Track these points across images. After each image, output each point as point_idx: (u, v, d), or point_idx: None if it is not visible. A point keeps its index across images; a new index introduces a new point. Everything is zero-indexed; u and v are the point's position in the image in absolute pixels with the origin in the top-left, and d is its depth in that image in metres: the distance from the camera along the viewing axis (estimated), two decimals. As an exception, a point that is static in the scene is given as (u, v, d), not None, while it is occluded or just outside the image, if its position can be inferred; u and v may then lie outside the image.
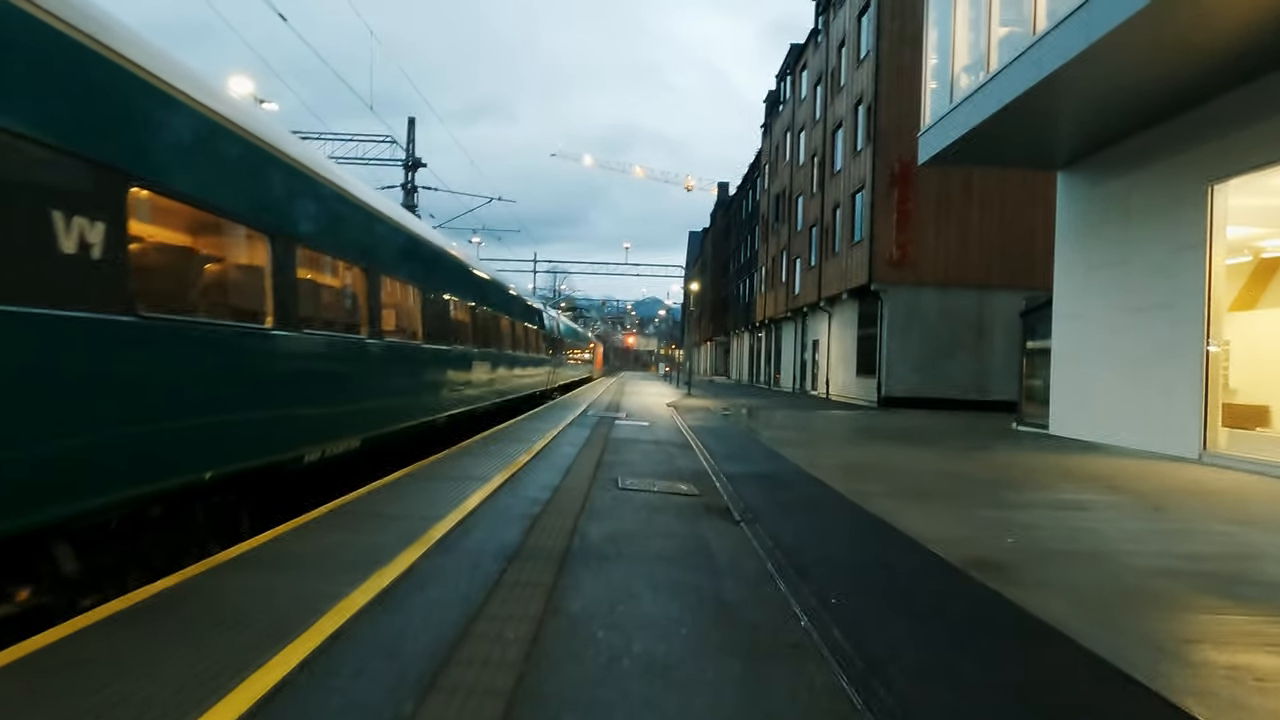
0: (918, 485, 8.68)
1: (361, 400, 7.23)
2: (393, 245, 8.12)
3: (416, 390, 9.07)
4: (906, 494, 8.03)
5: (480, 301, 13.23)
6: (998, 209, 24.56)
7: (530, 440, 11.40)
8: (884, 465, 10.52)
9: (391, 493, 6.61)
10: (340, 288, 7.12)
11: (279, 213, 5.54)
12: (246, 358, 5.10)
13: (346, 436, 6.91)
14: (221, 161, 4.81)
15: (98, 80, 3.68)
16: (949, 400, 24.16)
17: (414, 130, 23.79)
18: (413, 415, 8.97)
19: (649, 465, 9.48)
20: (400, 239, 8.41)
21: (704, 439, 13.00)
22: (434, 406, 9.89)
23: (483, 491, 6.90)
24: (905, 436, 15.06)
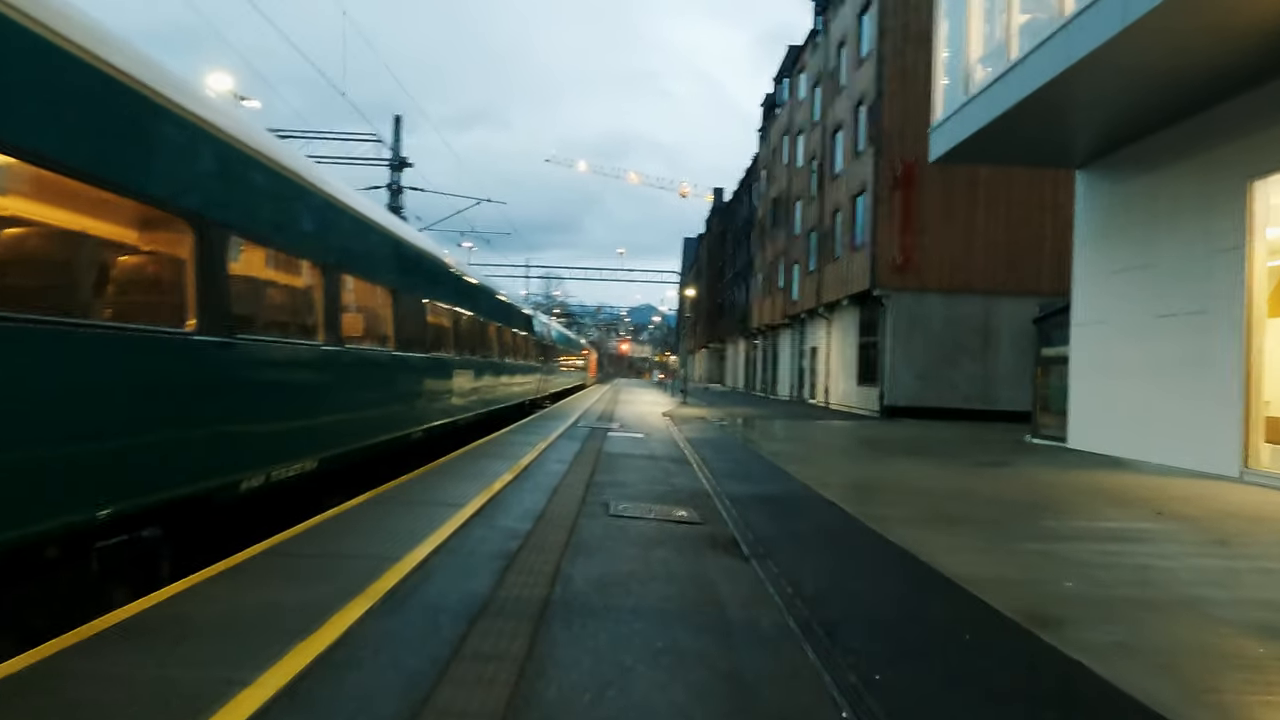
0: (940, 509, 7.83)
1: (317, 416, 6.34)
2: (356, 241, 7.23)
3: (386, 403, 8.18)
4: (930, 520, 7.18)
5: (462, 305, 12.36)
6: (1004, 213, 23.83)
7: (515, 456, 10.52)
8: (898, 484, 9.67)
9: (344, 525, 5.71)
10: (290, 287, 6.26)
11: (204, 193, 4.66)
12: (157, 369, 4.22)
13: (299, 457, 6.02)
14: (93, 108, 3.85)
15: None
16: (953, 410, 23.35)
17: (400, 129, 22.94)
18: (382, 431, 8.09)
19: (644, 485, 8.61)
20: (367, 234, 7.54)
21: (702, 453, 12.13)
22: (407, 420, 9.00)
23: (454, 521, 6.01)
24: (914, 449, 14.22)
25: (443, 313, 11.13)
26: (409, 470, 8.84)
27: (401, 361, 8.54)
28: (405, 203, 23.37)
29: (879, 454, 13.45)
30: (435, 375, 10.42)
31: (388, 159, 22.88)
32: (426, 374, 9.74)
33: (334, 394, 6.72)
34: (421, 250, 9.67)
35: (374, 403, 7.76)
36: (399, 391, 8.65)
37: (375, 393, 7.81)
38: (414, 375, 9.27)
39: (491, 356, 15.05)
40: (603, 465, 10.11)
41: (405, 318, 8.66)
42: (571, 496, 7.56)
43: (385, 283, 8.06)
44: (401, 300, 8.51)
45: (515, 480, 8.38)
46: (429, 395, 10.04)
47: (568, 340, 36.69)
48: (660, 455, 11.76)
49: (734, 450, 13.23)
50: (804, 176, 34.40)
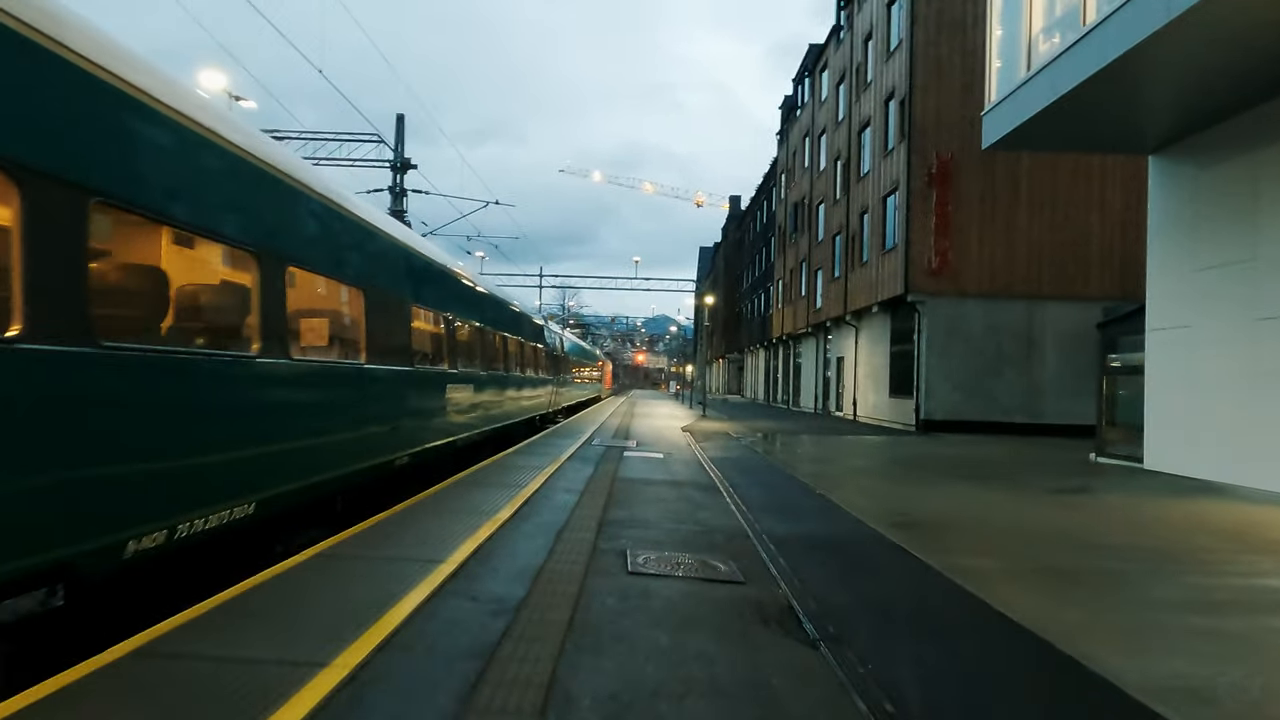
0: (1039, 557, 6.29)
1: (249, 446, 4.92)
2: (308, 225, 5.80)
3: (356, 425, 6.77)
4: (1036, 575, 5.65)
5: (461, 313, 10.97)
6: (1048, 211, 22.19)
7: (517, 484, 9.07)
8: (971, 519, 8.12)
9: (261, 602, 4.26)
10: (210, 284, 4.88)
11: (63, 149, 3.28)
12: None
13: (221, 503, 4.60)
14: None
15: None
16: (996, 424, 21.67)
17: (402, 128, 21.70)
18: (351, 460, 6.67)
19: (668, 523, 7.13)
20: (325, 219, 6.11)
21: (731, 477, 10.63)
22: (386, 445, 7.58)
23: (421, 588, 4.56)
24: (969, 471, 12.64)
25: (436, 319, 9.74)
26: (388, 505, 7.43)
27: (378, 376, 7.13)
28: (409, 206, 22.12)
29: (931, 477, 11.88)
30: (425, 391, 9.01)
31: (389, 160, 21.64)
32: (413, 390, 8.33)
33: (277, 419, 5.30)
34: (403, 244, 8.24)
35: (337, 427, 6.33)
36: (375, 412, 7.23)
37: (339, 416, 6.38)
38: (395, 392, 7.86)
39: (497, 369, 13.66)
40: (618, 495, 8.63)
41: (384, 325, 7.26)
42: (580, 542, 6.09)
43: (351, 279, 6.65)
44: (375, 302, 7.10)
45: (513, 519, 6.92)
46: (418, 414, 8.63)
47: (582, 351, 35.27)
48: (684, 480, 10.28)
49: (766, 473, 11.71)
50: (828, 178, 32.89)
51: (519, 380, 15.96)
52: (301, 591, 4.39)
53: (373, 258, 7.17)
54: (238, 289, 4.86)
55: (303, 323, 6.04)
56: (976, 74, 22.06)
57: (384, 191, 21.69)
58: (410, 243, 8.44)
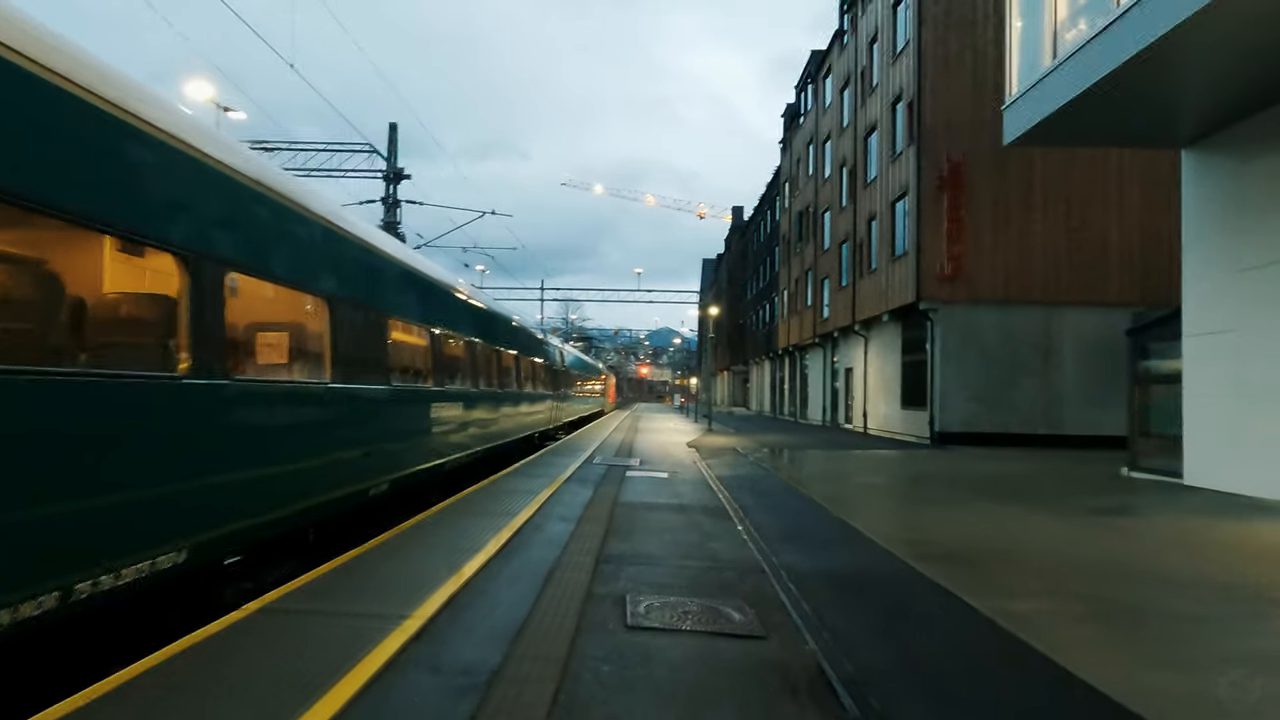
0: (1098, 594, 5.47)
1: (173, 482, 4.15)
2: (252, 223, 5.04)
3: (319, 452, 5.99)
4: (1102, 621, 4.84)
5: (450, 326, 10.24)
6: (1064, 214, 21.42)
7: (508, 511, 8.29)
8: (1009, 547, 7.29)
9: (162, 684, 3.46)
10: (116, 290, 4.12)
11: None
12: None
13: (136, 553, 3.83)
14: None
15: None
16: (1013, 435, 20.80)
17: (395, 137, 21.05)
18: (315, 491, 5.90)
19: (674, 558, 6.34)
20: (276, 217, 5.35)
21: (741, 499, 9.83)
22: (359, 472, 6.81)
23: (374, 658, 3.77)
24: (995, 489, 11.82)
25: (420, 333, 8.99)
26: (365, 536, 6.65)
27: (342, 396, 6.36)
28: (402, 218, 21.45)
29: (956, 496, 11.05)
30: (405, 411, 8.25)
31: (382, 170, 20.99)
32: (389, 410, 7.56)
33: (214, 448, 4.53)
34: (377, 250, 7.47)
35: (292, 453, 5.55)
36: (340, 436, 6.45)
37: (294, 441, 5.60)
38: (367, 413, 7.09)
39: (491, 385, 12.90)
40: (619, 524, 7.84)
41: (350, 337, 6.49)
42: (572, 585, 5.30)
43: (312, 287, 5.89)
44: (343, 314, 6.35)
45: (499, 556, 6.14)
46: (395, 436, 7.86)
47: (584, 365, 34.48)
48: (690, 503, 9.48)
49: (778, 494, 10.89)
50: (833, 185, 32.20)
51: (516, 396, 15.20)
52: (223, 665, 3.59)
53: (339, 264, 6.42)
54: (157, 298, 4.11)
55: (248, 337, 5.29)
56: (988, 73, 21.41)
57: (376, 203, 21.03)
58: (388, 250, 7.69)
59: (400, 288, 8.11)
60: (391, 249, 7.79)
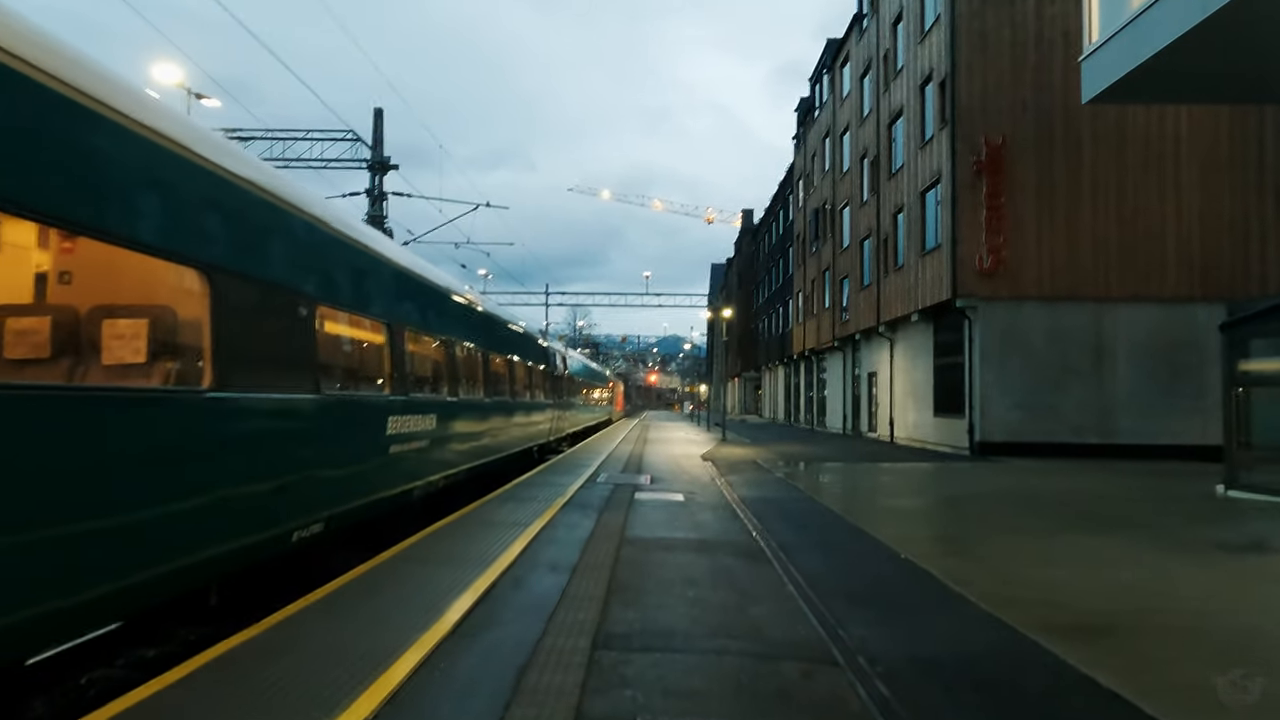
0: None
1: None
2: (160, 190, 3.25)
3: (182, 492, 4.12)
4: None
5: (422, 323, 8.43)
6: (1115, 201, 19.46)
7: (482, 556, 6.42)
8: (1152, 606, 5.36)
9: None
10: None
11: None
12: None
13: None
14: None
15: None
16: (1062, 446, 18.81)
17: (381, 125, 19.29)
18: (170, 554, 4.04)
19: (704, 640, 4.46)
20: (88, 128, 3.51)
21: (778, 532, 7.93)
22: (265, 514, 4.97)
23: None
24: (1080, 513, 9.89)
25: (375, 328, 7.15)
26: (287, 596, 4.82)
27: (232, 409, 4.50)
28: (389, 211, 19.67)
29: (1041, 523, 9.12)
30: (347, 427, 6.40)
31: (366, 159, 19.23)
32: (319, 426, 5.69)
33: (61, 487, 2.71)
34: (298, 211, 5.58)
35: (122, 497, 3.68)
36: (229, 464, 4.59)
37: (128, 477, 3.73)
38: (277, 430, 5.23)
39: (475, 393, 11.06)
40: (626, 575, 5.96)
41: (248, 329, 4.64)
42: (554, 703, 3.42)
43: (170, 253, 4.04)
44: (234, 295, 4.50)
45: (452, 640, 4.28)
46: (330, 460, 5.99)
47: (589, 371, 32.56)
48: (715, 538, 7.59)
49: (819, 523, 8.98)
50: (853, 179, 30.30)
51: (510, 406, 13.34)
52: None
53: (229, 223, 4.57)
54: None
55: (93, 328, 3.49)
56: (1028, 48, 19.57)
57: (361, 195, 19.26)
58: (314, 210, 5.83)
59: (343, 270, 6.26)
60: (320, 209, 5.93)
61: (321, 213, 5.93)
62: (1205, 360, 18.90)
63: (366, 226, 7.43)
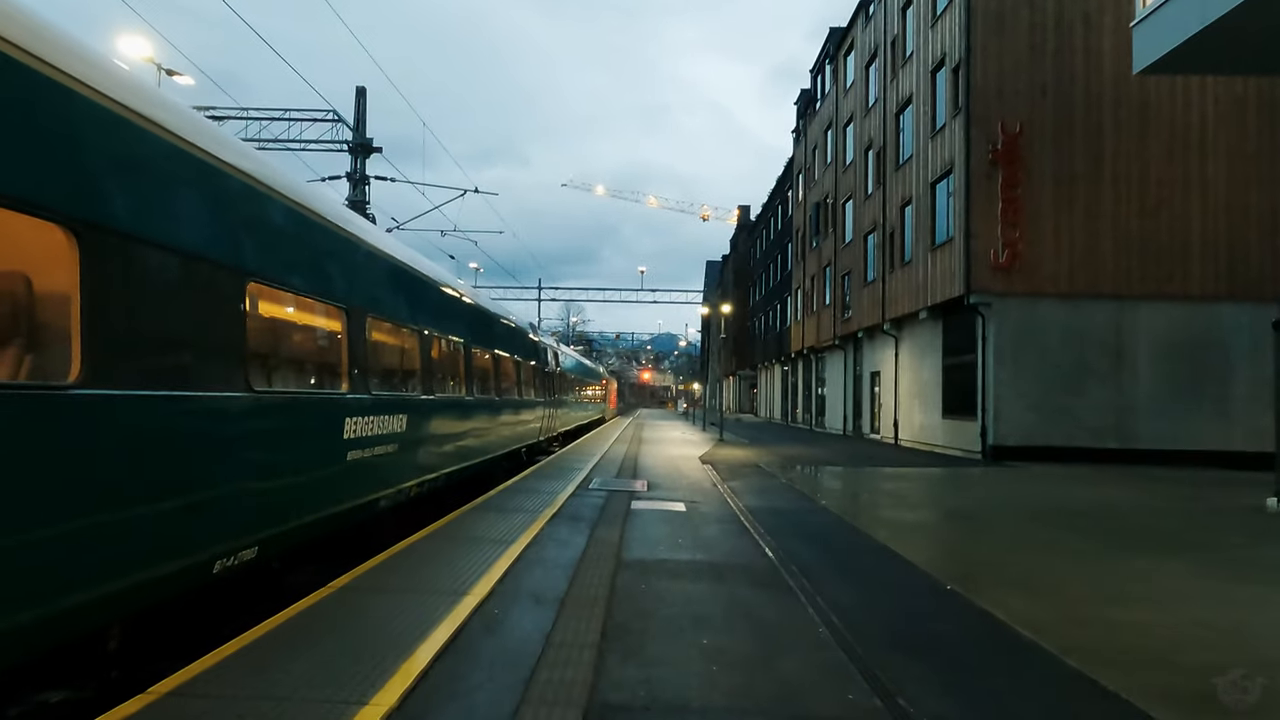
0: None
1: None
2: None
3: (133, 500, 3.09)
4: None
5: (386, 310, 7.38)
6: (1137, 193, 18.50)
7: (453, 586, 5.37)
8: (1273, 657, 4.37)
9: None
10: None
11: None
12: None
13: None
14: None
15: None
16: (1079, 450, 17.87)
17: (364, 104, 18.17)
18: (131, 568, 3.02)
19: (722, 703, 3.44)
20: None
21: (794, 551, 6.91)
22: (222, 529, 3.97)
23: None
24: (1131, 531, 8.94)
25: (327, 314, 6.09)
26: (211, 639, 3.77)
27: (104, 406, 3.44)
28: (372, 198, 18.56)
29: (1091, 544, 8.13)
30: (297, 430, 5.33)
31: (347, 141, 18.11)
32: (238, 430, 4.63)
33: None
34: (215, 161, 4.48)
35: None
36: (153, 475, 3.55)
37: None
38: (217, 434, 4.19)
39: (460, 392, 10.00)
40: (624, 610, 4.92)
41: (130, 308, 3.58)
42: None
43: (52, 213, 3.00)
44: (111, 263, 3.44)
45: (400, 716, 3.23)
46: (262, 471, 4.92)
47: (583, 368, 31.47)
48: (725, 560, 6.57)
49: (841, 542, 7.95)
50: (856, 172, 29.30)
51: (495, 405, 12.28)
52: None
53: (110, 161, 3.50)
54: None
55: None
56: (1047, 30, 18.57)
57: (342, 179, 18.14)
58: (253, 172, 4.75)
59: (280, 235, 5.18)
60: (257, 164, 4.84)
61: (258, 168, 4.86)
62: (1231, 362, 18.02)
63: (322, 192, 6.35)
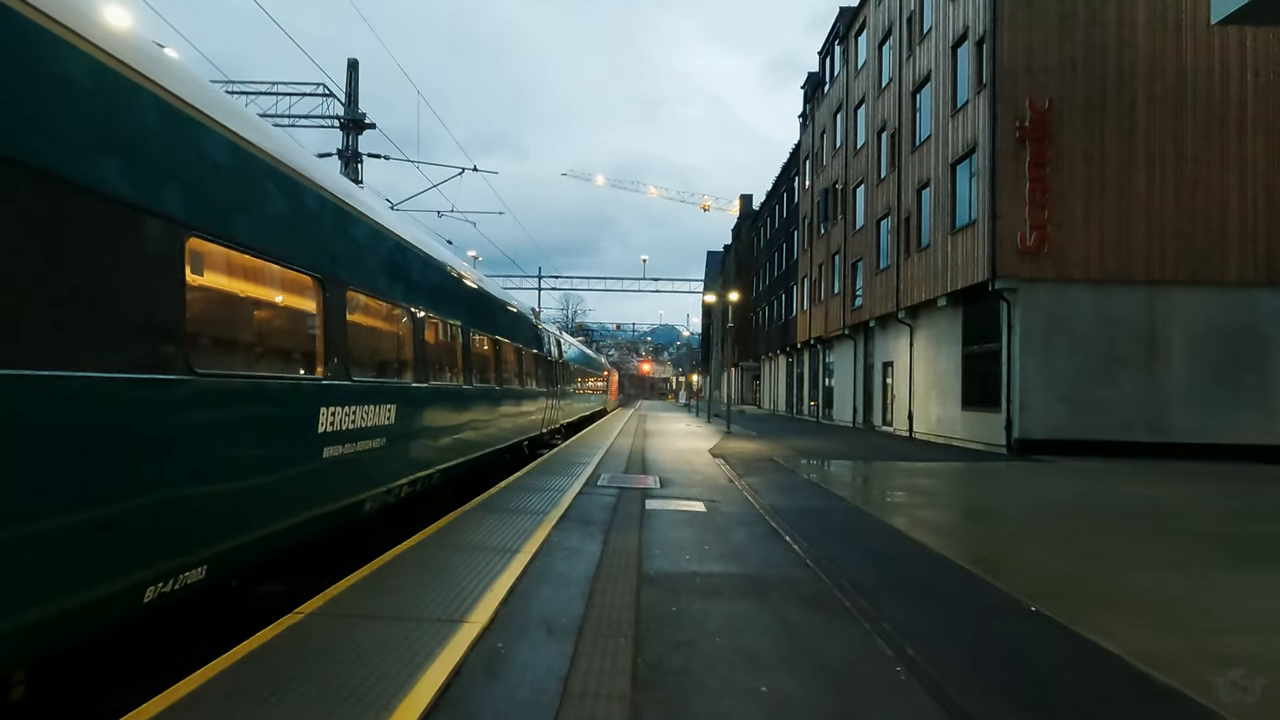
0: None
1: None
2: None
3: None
4: None
5: (386, 291, 6.46)
6: (1172, 173, 17.54)
7: (449, 609, 4.45)
8: None
9: None
10: None
11: None
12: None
13: None
14: None
15: None
16: (1110, 444, 16.97)
17: (356, 78, 17.16)
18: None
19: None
20: None
21: (835, 558, 5.99)
22: (150, 549, 3.02)
23: None
24: (1194, 534, 8.08)
25: (316, 291, 5.15)
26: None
27: (52, 396, 2.50)
28: (365, 176, 17.57)
29: (1171, 554, 7.23)
30: (253, 423, 4.40)
31: (338, 116, 17.10)
32: (203, 422, 3.71)
33: None
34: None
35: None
36: (33, 484, 2.63)
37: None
38: (137, 429, 3.26)
39: (458, 379, 9.07)
40: (655, 643, 4.00)
41: (85, 275, 2.65)
42: None
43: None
44: (77, 224, 2.51)
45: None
46: (227, 473, 4.00)
47: (586, 359, 30.51)
48: (763, 575, 5.65)
49: (897, 555, 7.02)
50: (868, 155, 28.29)
51: (496, 394, 11.34)
52: None
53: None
54: None
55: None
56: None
57: (333, 156, 17.14)
58: (183, 95, 3.79)
59: (229, 181, 4.21)
60: (190, 85, 3.88)
61: (192, 92, 3.90)
62: (1271, 351, 17.13)
63: (297, 146, 5.38)
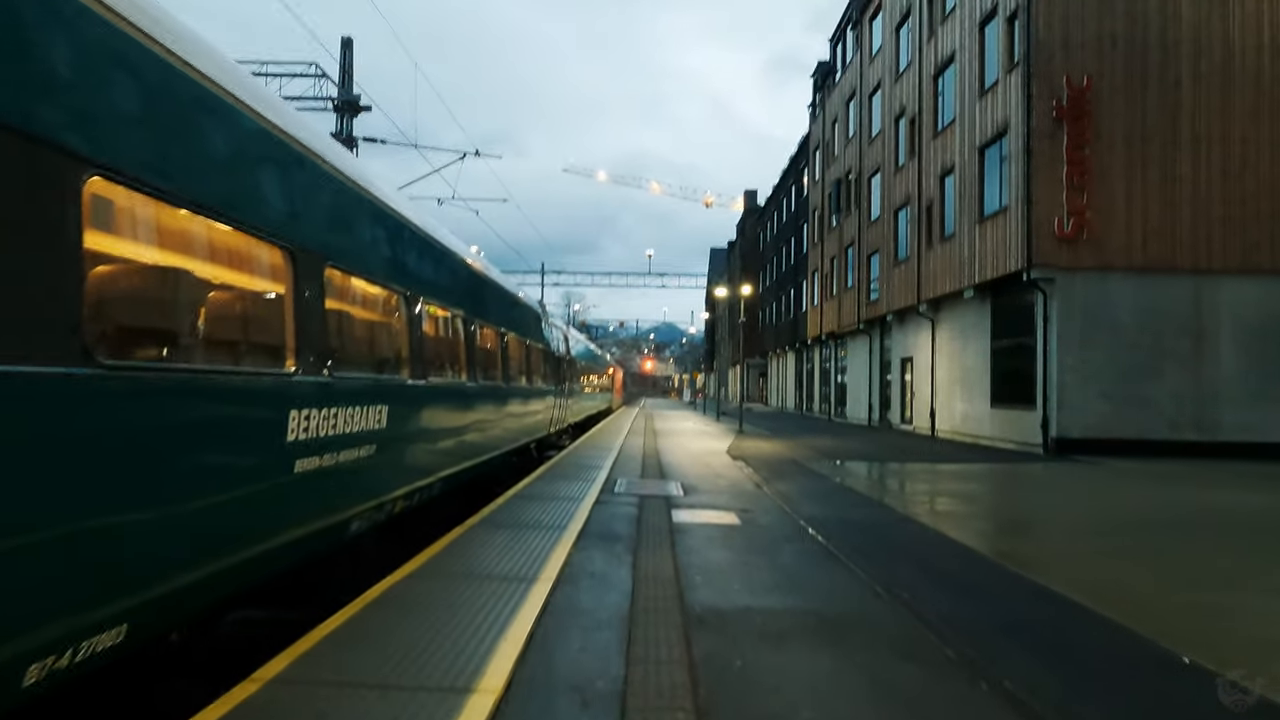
0: None
1: None
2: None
3: None
4: None
5: (376, 271, 5.48)
6: (1219, 155, 16.50)
7: (452, 673, 3.42)
8: None
9: None
10: None
11: None
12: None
13: None
14: None
15: None
16: (1155, 443, 15.94)
17: (350, 57, 16.13)
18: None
19: None
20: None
21: (910, 585, 4.99)
22: (37, 601, 1.95)
23: None
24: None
25: (287, 267, 4.14)
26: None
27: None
28: (360, 156, 16.52)
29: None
30: (197, 429, 3.38)
31: (331, 98, 16.06)
32: (120, 430, 2.72)
33: None
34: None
35: None
36: None
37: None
38: (16, 440, 2.22)
39: (460, 376, 8.05)
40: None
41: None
42: None
43: None
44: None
45: None
46: (157, 494, 2.99)
47: (592, 356, 29.48)
48: (830, 609, 4.63)
49: (980, 582, 5.99)
50: (884, 143, 27.23)
51: (503, 393, 10.32)
52: None
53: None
54: None
55: None
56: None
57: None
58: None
59: (169, 119, 3.20)
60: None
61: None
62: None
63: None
